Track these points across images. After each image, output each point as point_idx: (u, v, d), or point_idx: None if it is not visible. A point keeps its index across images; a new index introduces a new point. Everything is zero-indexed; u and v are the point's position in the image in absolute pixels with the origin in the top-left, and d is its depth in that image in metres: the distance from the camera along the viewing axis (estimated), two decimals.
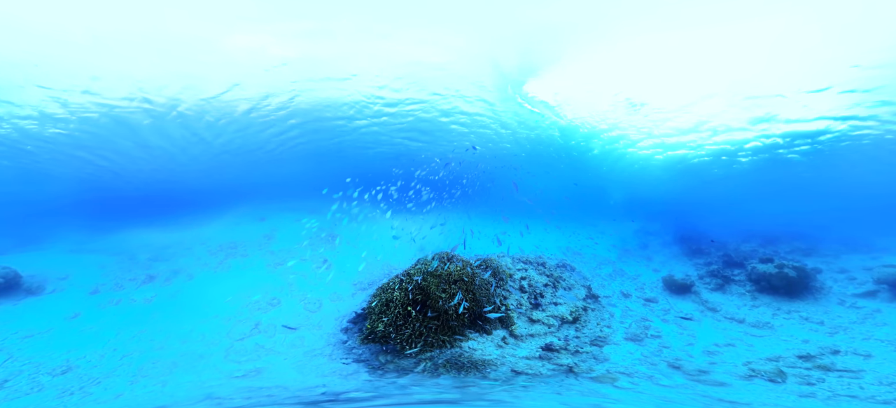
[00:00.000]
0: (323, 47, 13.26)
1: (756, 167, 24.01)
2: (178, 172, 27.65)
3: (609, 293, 13.79)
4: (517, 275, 12.79)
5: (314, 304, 12.64)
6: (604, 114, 18.95)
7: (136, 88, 15.79)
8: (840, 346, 9.40)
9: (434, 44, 13.21)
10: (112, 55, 13.07)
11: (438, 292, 9.24)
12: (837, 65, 12.96)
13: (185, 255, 17.55)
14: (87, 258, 17.24)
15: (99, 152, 22.57)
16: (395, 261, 16.25)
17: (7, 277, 13.18)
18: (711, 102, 16.54)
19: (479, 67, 15.02)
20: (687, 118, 18.43)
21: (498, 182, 31.39)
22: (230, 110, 18.55)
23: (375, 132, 22.24)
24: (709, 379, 7.88)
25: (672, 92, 15.99)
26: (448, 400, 5.73)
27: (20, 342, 9.90)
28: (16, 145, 20.44)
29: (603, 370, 8.12)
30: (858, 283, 13.03)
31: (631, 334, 10.51)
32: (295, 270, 15.45)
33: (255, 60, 14.04)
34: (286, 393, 6.60)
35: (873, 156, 20.65)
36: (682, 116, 18.22)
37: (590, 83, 15.82)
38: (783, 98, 15.61)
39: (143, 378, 8.11)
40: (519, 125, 20.81)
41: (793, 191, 28.71)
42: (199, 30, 11.86)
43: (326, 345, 9.54)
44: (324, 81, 16.16)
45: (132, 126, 19.22)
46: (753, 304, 12.64)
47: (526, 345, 9.34)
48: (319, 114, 19.58)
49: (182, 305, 12.68)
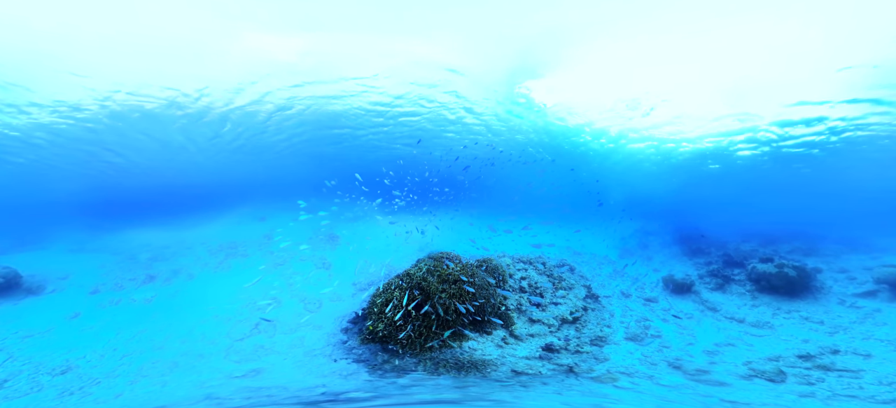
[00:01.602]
0: (324, 48, 13.25)
1: (756, 167, 24.00)
2: (179, 172, 27.65)
3: (609, 293, 13.79)
4: (517, 275, 12.79)
5: (314, 304, 12.63)
6: (604, 114, 18.94)
7: (135, 89, 15.79)
8: (840, 346, 9.39)
9: (436, 44, 13.21)
10: (112, 55, 13.07)
11: (438, 292, 9.23)
12: (838, 65, 12.95)
13: (185, 255, 17.55)
14: (87, 258, 17.24)
15: (99, 152, 22.57)
16: (395, 261, 16.24)
17: (7, 277, 13.18)
18: (711, 102, 16.54)
19: (480, 67, 15.02)
20: (687, 118, 18.42)
21: (500, 182, 31.40)
22: (231, 111, 18.55)
23: (376, 133, 22.23)
24: (709, 379, 7.88)
25: (672, 92, 15.98)
26: (449, 400, 5.73)
27: (20, 342, 9.90)
28: (16, 145, 20.43)
29: (603, 370, 8.12)
30: (858, 283, 13.03)
31: (631, 333, 10.51)
32: (291, 264, 15.43)
33: (257, 61, 14.04)
34: (286, 393, 6.60)
35: (873, 156, 20.64)
36: (682, 115, 18.21)
37: (590, 83, 15.81)
38: (783, 99, 15.60)
39: (142, 378, 8.11)
40: (519, 125, 20.80)
41: (793, 191, 28.70)
42: (200, 31, 11.86)
43: (326, 345, 9.53)
44: (325, 83, 16.16)
45: (132, 126, 19.22)
46: (753, 303, 12.63)
47: (526, 345, 9.34)
48: (320, 114, 19.58)
49: (182, 305, 12.68)
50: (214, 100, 17.28)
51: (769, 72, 13.73)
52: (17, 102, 15.97)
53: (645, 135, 20.89)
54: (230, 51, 13.15)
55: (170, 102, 17.15)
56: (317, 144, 23.57)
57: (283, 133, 21.75)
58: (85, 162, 23.79)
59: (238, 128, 20.67)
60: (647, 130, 20.25)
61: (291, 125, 20.74)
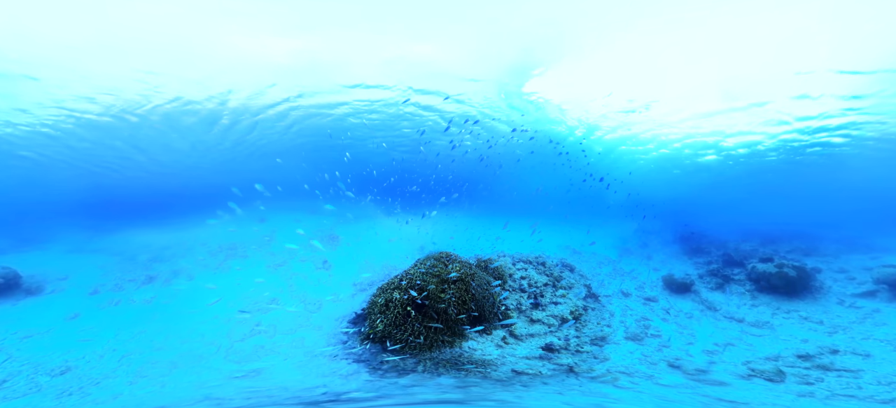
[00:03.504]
0: (320, 47, 13.24)
1: (756, 167, 24.03)
2: (179, 172, 27.62)
3: (609, 293, 13.79)
4: (517, 275, 12.79)
5: (314, 304, 12.63)
6: (604, 113, 18.95)
7: (136, 88, 15.77)
8: (839, 345, 9.41)
9: (435, 43, 13.21)
10: (112, 56, 13.05)
11: (438, 292, 9.24)
12: (837, 65, 12.97)
13: (185, 255, 17.53)
14: (87, 258, 17.22)
15: (99, 153, 22.54)
16: (396, 261, 16.25)
17: (7, 277, 13.16)
18: (711, 102, 16.55)
19: (479, 67, 15.02)
20: (687, 118, 18.43)
21: (501, 182, 31.40)
22: (231, 111, 18.53)
23: (377, 132, 22.23)
24: (708, 378, 7.88)
25: (672, 92, 15.99)
26: (451, 400, 5.73)
27: (19, 342, 9.88)
28: (16, 146, 20.40)
29: (603, 370, 8.13)
30: (858, 283, 13.04)
31: (631, 333, 10.52)
32: (294, 267, 15.43)
33: (255, 62, 14.03)
34: (286, 394, 6.59)
35: (873, 156, 20.66)
36: (682, 115, 18.22)
37: (589, 83, 15.82)
38: (783, 98, 15.62)
39: (142, 379, 8.10)
40: (519, 125, 20.80)
41: (792, 191, 28.74)
42: (201, 30, 11.85)
43: (327, 345, 9.53)
44: (324, 81, 16.15)
45: (133, 126, 19.20)
46: (753, 303, 12.64)
47: (526, 345, 9.35)
48: (319, 114, 19.57)
49: (182, 305, 12.66)
50: (215, 100, 17.27)
51: (769, 72, 13.75)
52: (18, 101, 15.96)
53: (644, 137, 20.90)
54: (230, 50, 13.14)
55: (170, 102, 17.14)
56: (317, 143, 23.57)
57: (282, 133, 21.73)
58: (85, 162, 23.76)
59: (239, 128, 20.66)
60: (647, 129, 20.26)
61: (290, 125, 20.74)
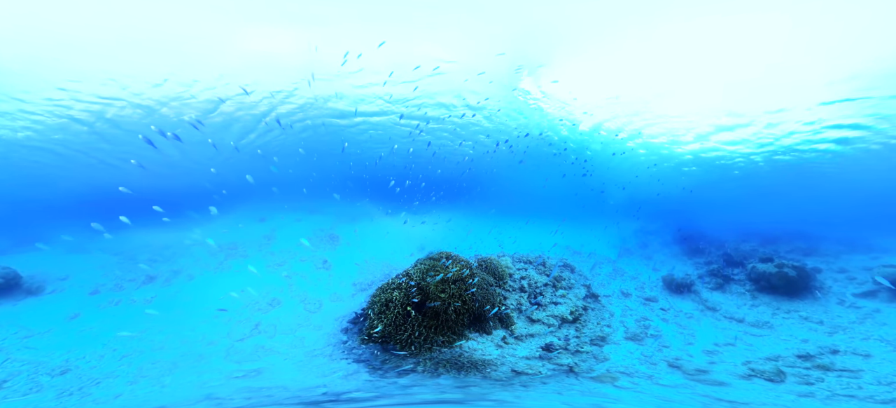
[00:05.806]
0: (323, 46, 13.24)
1: (756, 167, 24.01)
2: (179, 172, 27.63)
3: (609, 293, 13.80)
4: (517, 275, 12.79)
5: (314, 304, 12.64)
6: (604, 113, 18.94)
7: (135, 89, 15.77)
8: (839, 345, 9.41)
9: (436, 42, 13.21)
10: (112, 56, 13.05)
11: (437, 292, 9.23)
12: (838, 65, 12.96)
13: (185, 255, 17.53)
14: (87, 258, 17.22)
15: (99, 153, 22.55)
16: (395, 261, 16.25)
17: (7, 277, 13.17)
18: (712, 102, 16.54)
19: (479, 66, 15.02)
20: (687, 118, 18.43)
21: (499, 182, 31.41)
22: (231, 111, 18.53)
23: (378, 132, 22.24)
24: (708, 379, 7.88)
25: (672, 92, 15.98)
26: (451, 400, 5.73)
27: (19, 343, 9.89)
28: (15, 146, 20.41)
29: (603, 370, 8.13)
30: (858, 283, 13.04)
31: (631, 333, 10.52)
32: (294, 266, 15.42)
33: (255, 62, 14.03)
34: (286, 393, 6.59)
35: (873, 156, 20.64)
36: (682, 114, 18.22)
37: (589, 82, 15.82)
38: (782, 98, 15.61)
39: (142, 379, 8.10)
40: (518, 124, 20.80)
41: (792, 191, 28.73)
42: (200, 30, 11.85)
43: (327, 345, 9.53)
44: (326, 81, 16.15)
45: (133, 127, 19.20)
46: (753, 303, 12.64)
47: (526, 345, 9.35)
48: (321, 114, 19.58)
49: (182, 305, 12.67)
50: (215, 100, 17.26)
51: (769, 71, 13.74)
52: (17, 102, 15.96)
53: (644, 138, 20.89)
54: (230, 50, 13.13)
55: (170, 102, 17.13)
56: (318, 145, 23.57)
57: (281, 133, 21.76)
58: (84, 162, 23.76)
59: (239, 128, 20.66)
60: (645, 129, 20.26)
61: (290, 125, 20.75)
